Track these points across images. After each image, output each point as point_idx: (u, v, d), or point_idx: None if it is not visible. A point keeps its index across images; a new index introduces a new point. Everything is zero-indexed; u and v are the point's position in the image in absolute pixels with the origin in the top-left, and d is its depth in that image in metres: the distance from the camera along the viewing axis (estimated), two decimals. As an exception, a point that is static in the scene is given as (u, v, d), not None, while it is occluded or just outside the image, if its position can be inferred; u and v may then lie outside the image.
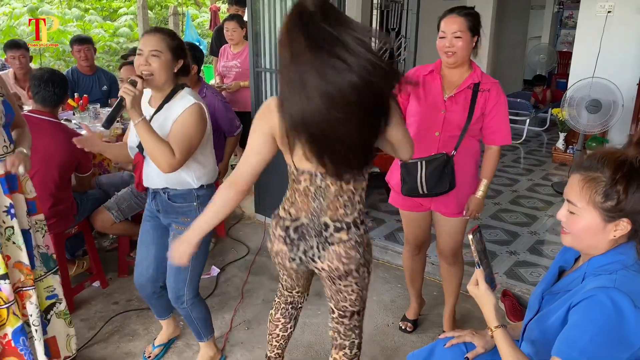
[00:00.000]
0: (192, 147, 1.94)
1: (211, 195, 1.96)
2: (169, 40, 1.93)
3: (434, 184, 2.18)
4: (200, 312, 2.26)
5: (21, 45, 3.94)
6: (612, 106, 4.06)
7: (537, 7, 8.53)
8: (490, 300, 1.37)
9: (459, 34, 2.04)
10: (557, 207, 4.15)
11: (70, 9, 9.61)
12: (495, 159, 2.24)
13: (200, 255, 2.12)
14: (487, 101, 2.13)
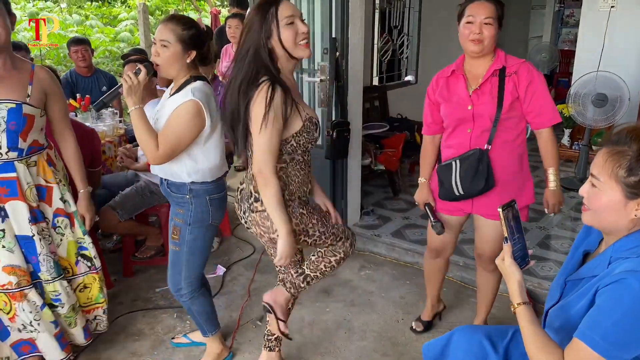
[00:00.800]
0: (180, 143, 1.89)
1: (210, 191, 2.02)
2: (179, 30, 1.89)
3: (469, 183, 2.06)
4: (201, 306, 2.24)
5: (22, 47, 3.91)
6: (619, 100, 4.03)
7: (538, 7, 8.52)
8: (515, 276, 1.32)
9: (489, 21, 1.93)
10: (565, 202, 4.09)
11: (70, 15, 9.63)
12: (552, 144, 2.05)
13: (193, 250, 2.10)
14: (518, 85, 1.97)
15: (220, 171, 2.07)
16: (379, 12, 4.74)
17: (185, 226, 2.06)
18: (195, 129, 1.90)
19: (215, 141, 2.01)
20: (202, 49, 1.96)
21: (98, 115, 3.72)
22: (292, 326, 2.61)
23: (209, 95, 1.94)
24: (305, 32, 1.72)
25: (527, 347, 1.26)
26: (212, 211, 2.07)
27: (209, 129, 1.94)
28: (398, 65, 5.24)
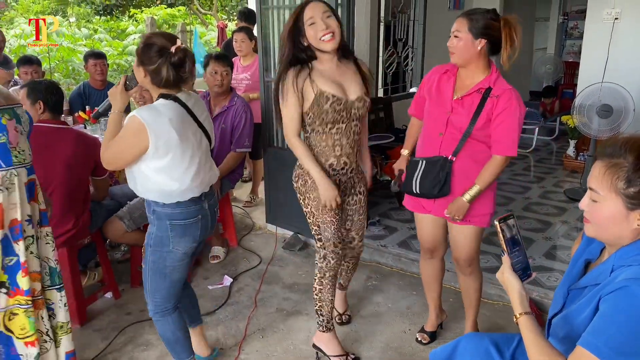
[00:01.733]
0: (121, 155, 1.90)
1: (170, 215, 1.96)
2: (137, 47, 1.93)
3: (425, 185, 2.17)
4: (163, 331, 2.17)
5: (34, 61, 4.00)
6: (624, 111, 4.04)
7: (542, 19, 8.58)
8: (514, 287, 1.33)
9: (456, 34, 2.05)
10: (570, 213, 4.11)
11: (79, 29, 9.78)
12: (493, 168, 2.06)
13: (153, 271, 2.06)
14: (495, 107, 2.03)
15: (182, 195, 1.95)
16: (384, 25, 4.80)
17: (147, 246, 2.05)
18: (133, 146, 1.86)
19: (172, 165, 1.91)
20: (150, 67, 1.86)
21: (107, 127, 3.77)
22: (298, 336, 2.63)
23: (159, 114, 1.85)
24: (324, 29, 2.04)
25: (531, 356, 1.27)
26: (173, 237, 1.99)
27: (154, 149, 1.85)
28: (403, 77, 5.29)
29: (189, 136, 1.95)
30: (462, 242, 2.26)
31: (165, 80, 1.88)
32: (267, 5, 3.48)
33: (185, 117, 1.94)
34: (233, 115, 3.31)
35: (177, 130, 1.88)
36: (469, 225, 2.21)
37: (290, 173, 2.41)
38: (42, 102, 2.60)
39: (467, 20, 2.04)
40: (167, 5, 13.94)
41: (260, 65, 3.64)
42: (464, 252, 2.28)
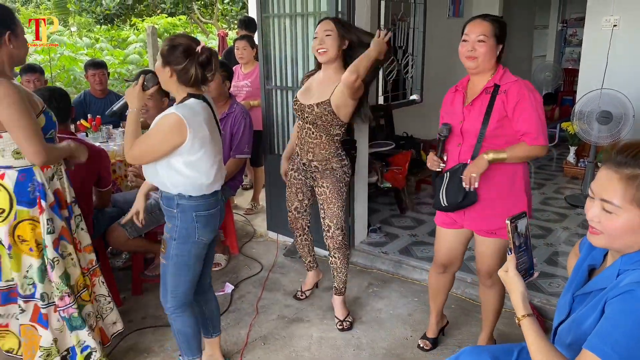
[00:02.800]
0: (153, 150, 1.97)
1: (195, 207, 2.06)
2: (162, 45, 2.00)
3: (450, 195, 2.12)
4: (182, 326, 2.21)
5: (37, 70, 4.01)
6: (623, 117, 4.06)
7: (541, 27, 8.62)
8: (518, 287, 1.33)
9: (482, 38, 1.99)
10: (571, 219, 4.11)
11: (81, 38, 9.83)
12: (524, 147, 2.00)
13: (178, 265, 2.11)
14: (506, 103, 1.99)
15: (207, 189, 2.07)
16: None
17: (171, 240, 2.10)
18: (170, 142, 1.94)
19: (202, 160, 2.02)
20: (177, 67, 1.95)
21: (109, 135, 3.79)
22: (300, 343, 2.62)
23: (197, 112, 1.96)
24: (319, 44, 2.44)
25: (534, 358, 1.26)
26: (199, 228, 2.09)
27: (190, 145, 1.95)
28: (403, 84, 5.31)
29: (215, 134, 2.08)
30: (486, 255, 2.22)
31: (193, 79, 1.97)
32: (268, 14, 3.51)
33: (211, 116, 2.07)
34: (232, 121, 3.33)
35: (208, 127, 2.02)
36: (494, 238, 2.17)
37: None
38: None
39: (491, 24, 2.00)
40: (168, 15, 14.02)
41: (261, 73, 3.66)
42: (487, 264, 2.24)
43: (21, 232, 2.10)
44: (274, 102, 3.67)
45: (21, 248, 2.11)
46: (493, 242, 2.18)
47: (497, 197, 2.10)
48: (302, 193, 2.80)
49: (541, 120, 2.00)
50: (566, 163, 5.41)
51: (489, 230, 2.16)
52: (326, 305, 2.98)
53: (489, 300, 2.36)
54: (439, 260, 2.39)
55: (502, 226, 2.10)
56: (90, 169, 2.69)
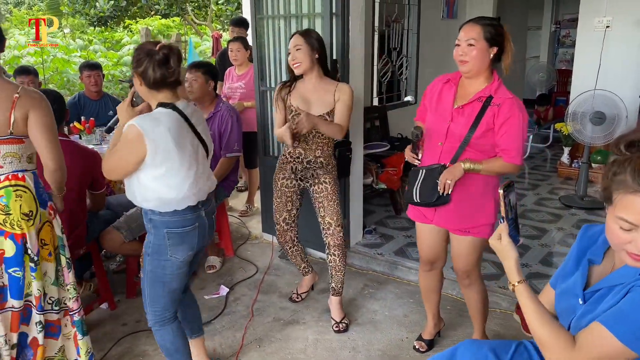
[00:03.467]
0: (119, 163, 1.92)
1: (167, 223, 1.98)
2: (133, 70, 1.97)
3: (424, 193, 2.15)
4: (162, 341, 2.16)
5: (31, 71, 3.99)
6: (616, 118, 4.08)
7: (534, 28, 8.67)
8: (512, 254, 1.35)
9: (472, 42, 2.00)
10: (565, 220, 4.13)
11: (74, 40, 9.78)
12: (500, 164, 2.06)
13: (152, 280, 2.07)
14: (497, 117, 2.02)
15: (177, 205, 1.97)
16: (378, 34, 4.82)
17: (146, 255, 2.07)
18: (131, 154, 1.88)
19: (169, 173, 1.93)
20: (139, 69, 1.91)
21: (102, 138, 3.77)
22: (296, 345, 2.62)
23: (157, 123, 1.87)
24: (292, 59, 2.58)
25: (531, 325, 1.26)
26: (171, 245, 2.00)
27: (152, 157, 1.87)
28: (397, 86, 5.31)
29: (186, 145, 1.96)
30: (462, 253, 2.24)
31: (153, 80, 1.90)
32: (262, 15, 3.50)
33: (182, 126, 1.95)
34: (219, 121, 3.32)
35: (174, 139, 1.90)
36: (468, 237, 2.19)
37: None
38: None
39: (481, 27, 2.01)
40: (162, 16, 13.98)
41: (256, 74, 3.66)
42: (462, 263, 2.27)
43: (44, 236, 2.08)
44: (268, 104, 3.66)
45: (42, 254, 2.08)
46: (468, 240, 2.20)
47: (467, 200, 2.14)
48: (292, 202, 2.80)
49: (523, 141, 2.06)
50: (560, 164, 5.43)
51: (460, 229, 2.19)
52: (322, 307, 2.97)
53: (471, 299, 2.38)
54: (424, 257, 2.42)
55: (473, 225, 2.16)
56: (84, 171, 2.68)
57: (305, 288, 3.09)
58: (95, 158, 2.77)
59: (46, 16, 12.95)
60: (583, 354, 1.19)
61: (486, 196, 2.15)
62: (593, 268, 1.37)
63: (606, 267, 1.34)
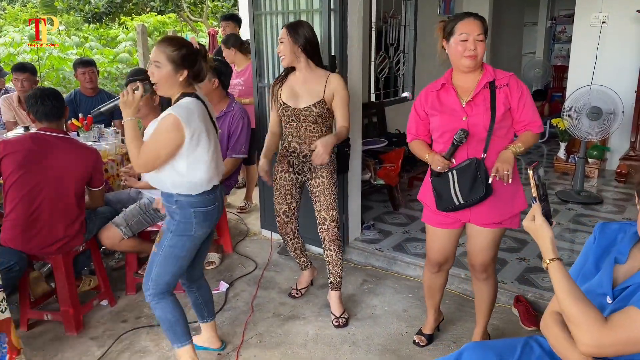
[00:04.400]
0: (158, 154, 2.01)
1: (194, 204, 2.11)
2: (169, 51, 2.01)
3: (468, 191, 2.10)
4: (163, 313, 2.23)
5: (28, 69, 3.98)
6: (613, 113, 4.10)
7: (530, 24, 8.68)
8: (547, 233, 1.35)
9: (481, 37, 2.04)
10: (563, 214, 4.15)
11: (69, 37, 9.73)
12: (533, 138, 2.12)
13: (167, 256, 2.16)
14: (511, 95, 2.08)
15: (206, 186, 2.13)
16: (375, 30, 4.83)
17: (167, 233, 2.17)
18: (171, 142, 2.00)
19: (201, 156, 2.08)
20: (194, 68, 2.06)
21: (100, 135, 3.76)
22: (296, 340, 2.63)
23: (192, 111, 2.02)
24: (279, 51, 2.62)
25: (563, 302, 1.25)
26: (196, 223, 2.15)
27: (189, 142, 2.01)
28: (395, 82, 5.32)
29: (210, 129, 2.12)
30: (484, 247, 2.22)
31: (203, 74, 2.12)
32: (260, 11, 3.50)
33: (205, 113, 2.11)
34: (230, 120, 3.32)
35: (204, 124, 2.06)
36: (496, 229, 2.18)
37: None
38: (29, 112, 2.67)
39: (481, 22, 2.07)
40: (158, 13, 13.92)
41: (254, 71, 3.65)
42: (483, 257, 2.25)
43: None
44: (266, 100, 3.66)
45: None
46: (494, 232, 2.20)
47: (503, 187, 2.12)
48: (291, 195, 2.81)
49: (537, 109, 2.15)
50: (557, 159, 5.45)
51: (495, 222, 2.17)
52: (321, 302, 2.98)
53: (483, 294, 2.37)
54: (433, 260, 2.39)
55: (508, 216, 2.17)
56: (82, 169, 2.68)
57: (305, 283, 3.10)
58: (93, 155, 2.78)
59: (40, 13, 12.90)
60: (613, 333, 1.19)
61: (515, 181, 2.14)
62: (617, 267, 1.36)
63: (632, 265, 1.34)
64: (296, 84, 2.66)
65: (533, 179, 1.37)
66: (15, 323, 2.79)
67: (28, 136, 2.66)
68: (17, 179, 2.55)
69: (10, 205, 2.59)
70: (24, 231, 2.59)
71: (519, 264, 3.26)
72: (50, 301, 2.98)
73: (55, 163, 2.59)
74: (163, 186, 2.13)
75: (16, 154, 2.55)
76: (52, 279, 2.89)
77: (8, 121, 4.02)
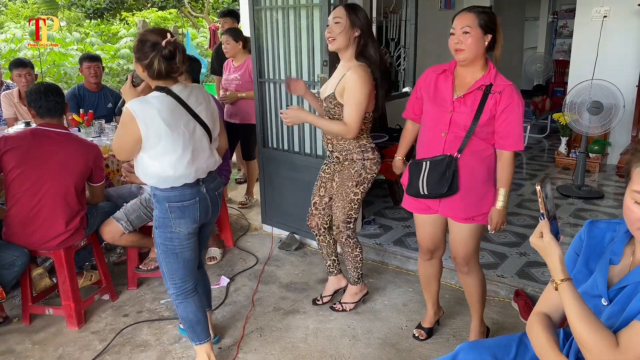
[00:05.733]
0: (121, 144, 2.07)
1: (168, 198, 2.12)
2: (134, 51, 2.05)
3: (433, 185, 2.16)
4: (183, 312, 2.28)
5: (27, 64, 3.98)
6: (614, 107, 4.09)
7: (532, 19, 8.64)
8: (556, 251, 1.28)
9: (467, 30, 2.01)
10: (563, 209, 4.15)
11: (70, 33, 9.74)
12: (509, 166, 2.11)
13: (165, 252, 2.19)
14: (498, 104, 2.05)
15: (176, 181, 2.09)
16: (376, 25, 4.82)
17: (155, 229, 2.21)
18: (127, 135, 2.02)
19: (165, 150, 2.04)
20: (144, 62, 2.00)
21: (101, 130, 3.77)
22: (296, 334, 2.64)
23: (150, 105, 1.99)
24: (328, 33, 2.41)
25: (574, 324, 1.22)
26: (173, 218, 2.14)
27: (146, 136, 2.00)
28: (395, 76, 5.31)
29: (179, 126, 2.05)
30: (462, 240, 2.25)
31: (157, 72, 2.01)
32: (260, 6, 3.49)
33: (176, 108, 2.06)
34: None
35: (165, 120, 2.00)
36: (471, 224, 2.21)
37: (285, 173, 2.52)
38: (31, 108, 2.67)
39: (475, 15, 2.03)
40: (159, 8, 13.92)
41: (254, 66, 3.65)
42: (462, 250, 2.28)
43: None
44: (267, 95, 3.66)
45: None
46: (469, 227, 2.22)
47: (473, 188, 2.16)
48: (325, 189, 2.75)
49: (522, 127, 2.11)
50: (558, 154, 5.45)
51: (464, 217, 2.20)
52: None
53: (470, 287, 2.40)
54: (423, 247, 2.43)
55: (478, 213, 2.18)
56: (83, 164, 2.69)
57: (329, 292, 2.95)
58: (94, 150, 2.78)
59: (41, 9, 12.89)
60: (628, 354, 1.16)
61: (489, 182, 2.17)
62: (611, 267, 1.35)
63: (624, 264, 1.32)
64: (336, 71, 2.55)
65: (541, 196, 1.31)
66: (17, 318, 2.83)
67: (28, 132, 2.66)
68: (18, 174, 2.56)
69: (11, 200, 2.60)
70: (25, 226, 2.60)
71: (519, 259, 3.26)
72: (51, 296, 3.01)
73: (56, 158, 2.60)
74: (143, 178, 2.15)
75: (17, 150, 2.57)
76: (53, 274, 2.90)
77: (9, 117, 4.03)
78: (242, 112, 4.25)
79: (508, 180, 2.13)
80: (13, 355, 2.55)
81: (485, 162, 2.15)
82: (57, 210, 2.63)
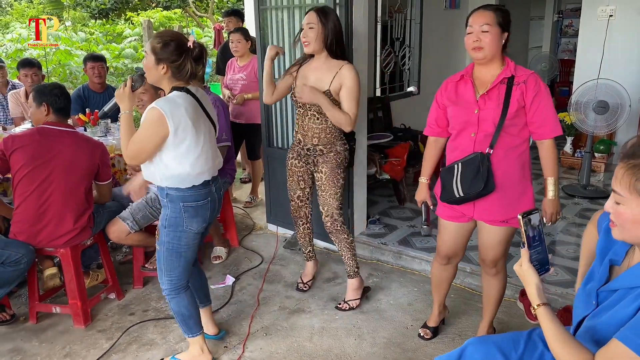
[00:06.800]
0: (143, 147, 2.05)
1: (183, 198, 2.13)
2: (154, 42, 2.06)
3: (468, 184, 2.10)
4: (177, 307, 2.30)
5: (34, 64, 4.00)
6: (619, 107, 4.08)
7: (537, 18, 8.62)
8: (532, 280, 1.35)
9: (486, 28, 2.00)
10: (568, 209, 4.14)
11: (76, 33, 9.77)
12: (552, 154, 2.09)
13: (169, 251, 2.20)
14: (526, 94, 2.02)
15: (194, 180, 2.13)
16: (381, 25, 4.82)
17: (162, 228, 2.21)
18: (155, 135, 2.02)
19: (188, 149, 2.08)
20: (174, 63, 2.04)
21: (107, 130, 3.79)
22: (302, 333, 2.65)
23: (177, 104, 2.03)
24: (304, 38, 2.57)
25: (552, 345, 1.26)
26: (187, 218, 2.16)
27: (174, 135, 2.02)
28: (400, 76, 5.31)
29: (200, 124, 2.12)
30: (493, 244, 2.23)
31: (189, 73, 2.08)
32: (265, 6, 3.50)
33: (196, 107, 2.11)
34: None
35: (191, 118, 2.06)
36: (505, 227, 2.17)
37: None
38: (47, 104, 2.66)
39: (493, 12, 2.02)
40: (163, 8, 13.95)
41: (259, 66, 3.65)
42: (492, 253, 2.26)
43: None
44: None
45: None
46: (502, 230, 2.19)
47: (509, 185, 2.12)
48: (304, 181, 2.85)
49: (555, 111, 2.09)
50: (563, 153, 5.43)
51: (501, 219, 2.16)
52: (327, 296, 3.00)
53: (491, 289, 2.38)
54: (442, 252, 2.39)
55: (514, 214, 2.10)
56: (90, 162, 2.70)
57: (310, 276, 3.12)
58: (100, 149, 2.80)
59: (47, 9, 12.94)
60: None
61: (525, 181, 2.15)
62: (614, 268, 1.36)
63: (625, 265, 1.33)
64: (309, 71, 2.65)
65: (522, 226, 1.37)
66: (24, 316, 2.85)
67: (35, 130, 2.68)
68: (26, 173, 2.58)
69: (19, 199, 2.62)
70: (33, 224, 2.62)
71: (525, 258, 3.25)
72: (58, 294, 3.02)
73: (63, 156, 2.62)
74: (154, 179, 2.15)
75: (25, 148, 2.58)
76: (61, 273, 2.92)
77: (16, 116, 4.05)
78: (247, 111, 4.26)
79: (554, 169, 2.11)
80: (20, 353, 2.56)
81: (519, 159, 2.12)
82: (64, 209, 2.64)
